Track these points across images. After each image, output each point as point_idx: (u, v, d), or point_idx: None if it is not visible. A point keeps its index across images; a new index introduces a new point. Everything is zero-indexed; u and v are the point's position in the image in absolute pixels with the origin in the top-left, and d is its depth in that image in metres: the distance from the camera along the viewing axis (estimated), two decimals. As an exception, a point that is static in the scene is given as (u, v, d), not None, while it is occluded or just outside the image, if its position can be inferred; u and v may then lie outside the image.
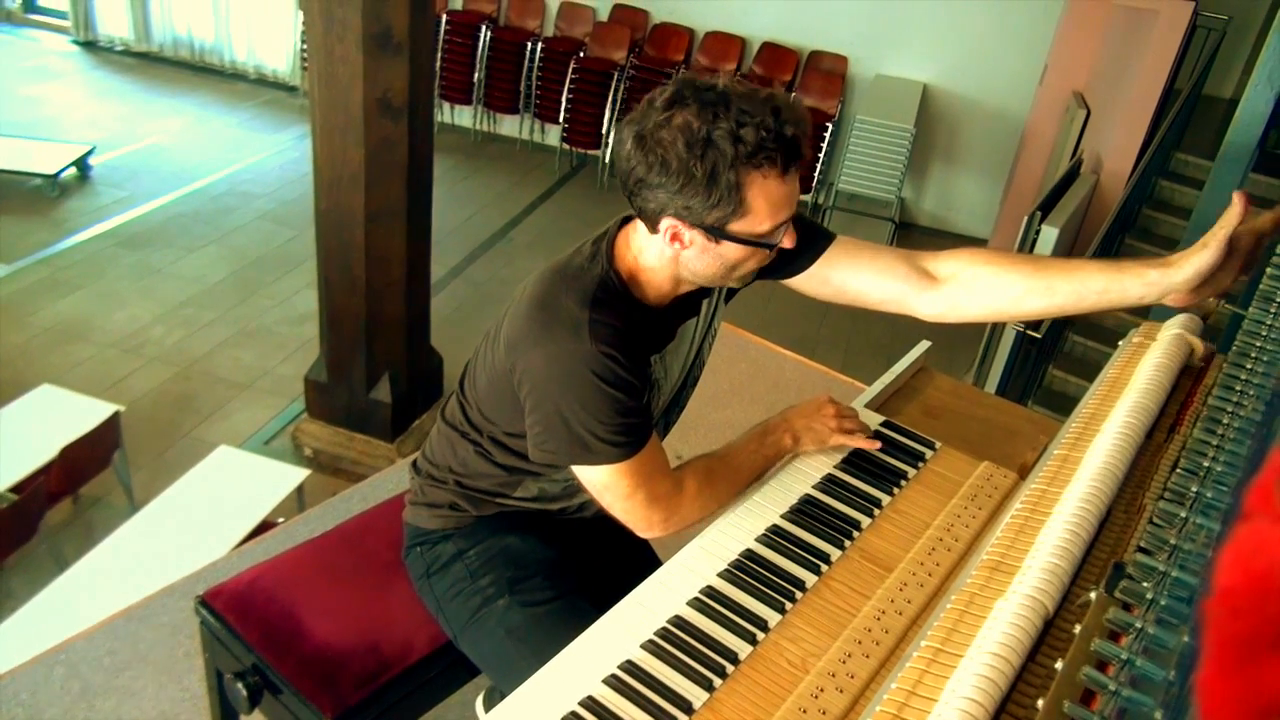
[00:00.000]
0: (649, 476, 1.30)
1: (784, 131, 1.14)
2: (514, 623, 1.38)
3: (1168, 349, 1.43)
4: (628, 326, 1.25)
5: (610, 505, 1.32)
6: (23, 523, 3.03)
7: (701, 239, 1.21)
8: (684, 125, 1.13)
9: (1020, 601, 0.95)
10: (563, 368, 1.22)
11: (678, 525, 1.34)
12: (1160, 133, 5.16)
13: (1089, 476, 1.13)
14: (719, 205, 1.16)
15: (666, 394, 1.42)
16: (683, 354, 1.41)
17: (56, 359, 4.53)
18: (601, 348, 1.21)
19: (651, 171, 1.15)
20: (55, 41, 8.56)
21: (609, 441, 1.25)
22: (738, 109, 1.13)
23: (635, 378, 1.25)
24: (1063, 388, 4.89)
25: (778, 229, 1.22)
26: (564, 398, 1.23)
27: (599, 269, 1.28)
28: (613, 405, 1.23)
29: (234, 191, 6.40)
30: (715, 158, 1.12)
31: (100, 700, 2.11)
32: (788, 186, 1.19)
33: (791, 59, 6.80)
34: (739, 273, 1.28)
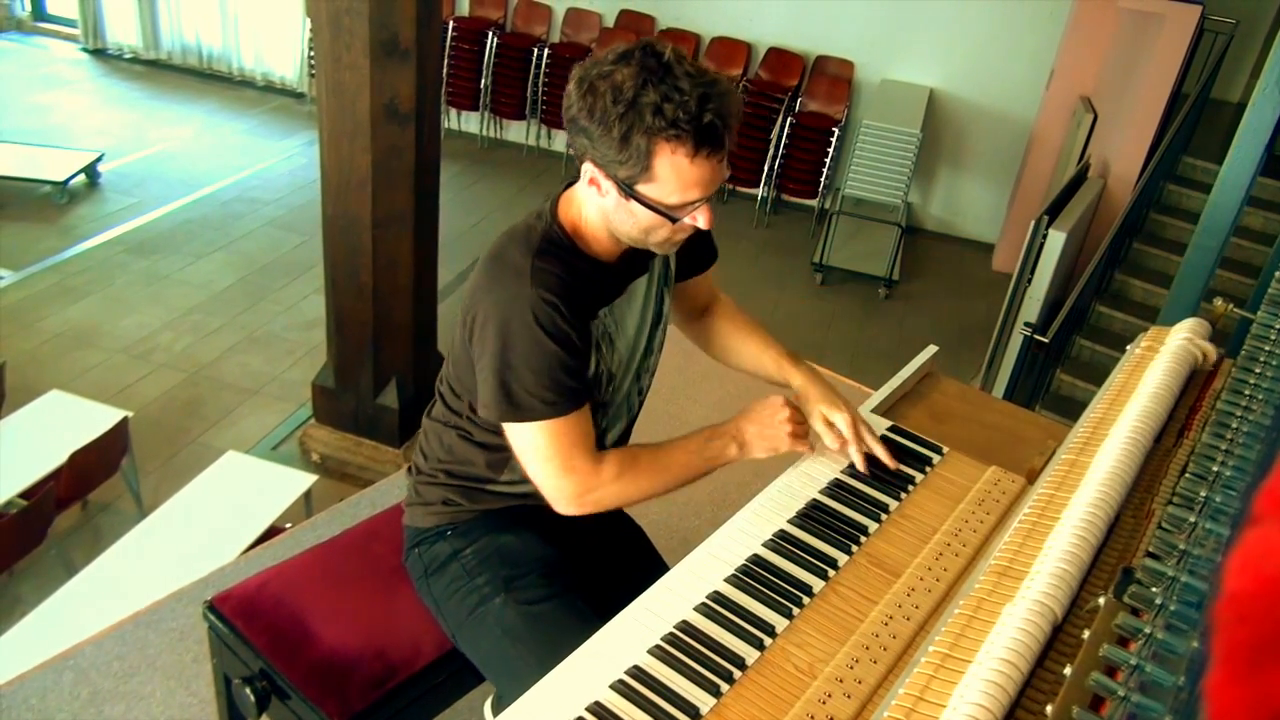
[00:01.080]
0: (570, 446, 1.32)
1: (702, 117, 1.17)
2: (510, 621, 1.39)
3: (1175, 354, 1.43)
4: (573, 277, 1.30)
5: (528, 469, 1.35)
6: (32, 528, 3.04)
7: (615, 192, 1.26)
8: (618, 82, 1.18)
9: (1029, 607, 0.95)
10: (506, 312, 1.27)
11: (593, 506, 1.36)
12: (1168, 137, 5.15)
13: (1097, 481, 1.13)
14: (628, 164, 1.21)
15: (625, 352, 1.43)
16: (636, 310, 1.44)
17: (65, 365, 4.55)
18: (543, 293, 1.26)
19: (581, 114, 1.22)
20: (64, 49, 8.61)
21: (538, 396, 1.28)
22: (671, 83, 1.17)
23: (576, 333, 1.29)
24: (1070, 392, 4.88)
25: (686, 206, 1.25)
26: (503, 344, 1.28)
27: (544, 224, 1.35)
28: (548, 358, 1.27)
29: (242, 198, 6.42)
30: (633, 120, 1.17)
31: (109, 705, 2.12)
32: (699, 169, 1.21)
33: (798, 64, 6.80)
34: (654, 239, 1.31)
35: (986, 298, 6.09)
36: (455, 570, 1.46)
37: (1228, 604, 0.38)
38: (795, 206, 7.09)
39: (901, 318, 5.91)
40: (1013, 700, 0.88)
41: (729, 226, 6.81)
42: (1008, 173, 6.71)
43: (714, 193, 1.28)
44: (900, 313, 5.97)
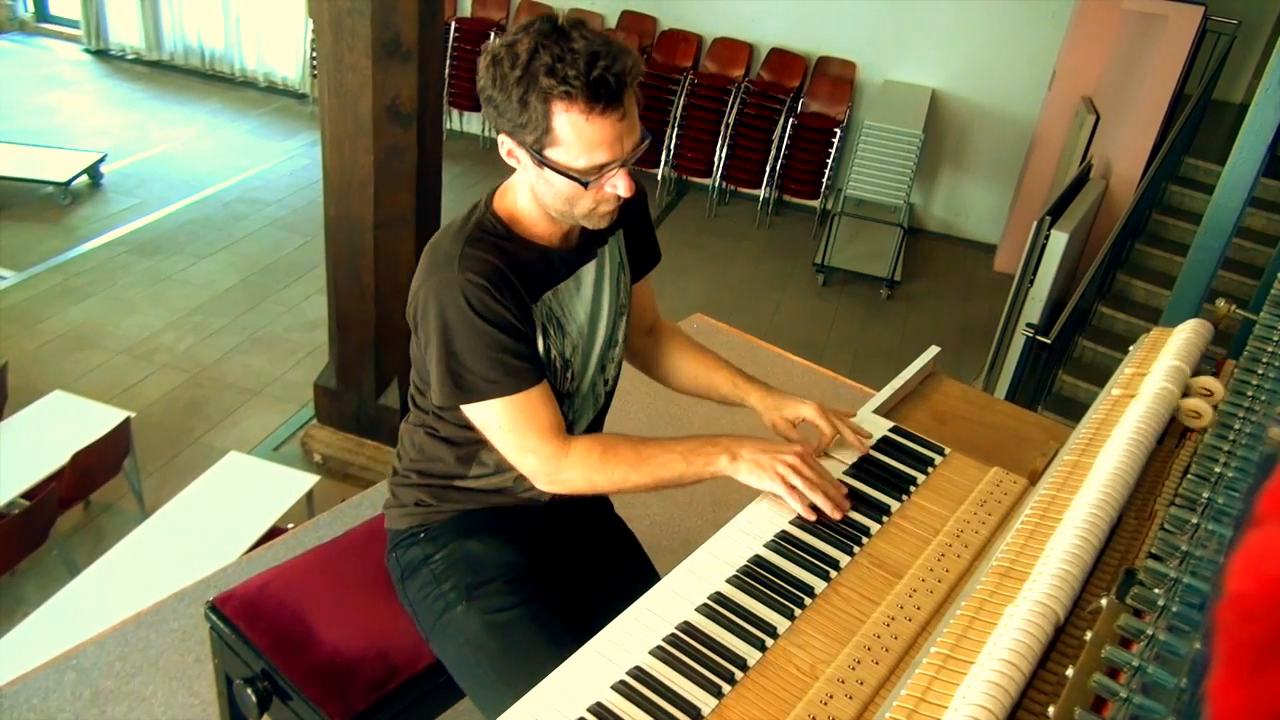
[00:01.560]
0: (525, 425, 1.34)
1: (591, 73, 1.19)
2: (472, 630, 1.39)
3: (1178, 355, 1.43)
4: (508, 262, 1.32)
5: (494, 443, 1.37)
6: (34, 529, 3.04)
7: (529, 161, 1.28)
8: (517, 49, 1.21)
9: (1031, 608, 0.95)
10: (440, 298, 1.30)
11: (562, 487, 1.37)
12: (1170, 137, 5.15)
13: (1099, 483, 1.13)
14: (530, 127, 1.23)
15: (578, 339, 1.44)
16: (587, 297, 1.44)
17: (68, 366, 4.55)
18: (470, 276, 1.28)
19: (487, 85, 1.24)
20: (67, 50, 8.62)
21: (481, 376, 1.31)
22: (564, 45, 1.19)
23: (513, 314, 1.31)
24: (1073, 393, 4.87)
25: (596, 169, 1.26)
26: (442, 327, 1.30)
27: (478, 213, 1.38)
28: (485, 339, 1.29)
29: (244, 199, 6.43)
30: (529, 82, 1.20)
31: (111, 706, 2.12)
32: (598, 127, 1.22)
33: (800, 64, 6.80)
34: (580, 210, 1.32)
35: (989, 299, 6.09)
36: (425, 575, 1.46)
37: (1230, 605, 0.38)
38: (797, 207, 7.09)
39: (903, 319, 5.91)
40: (1015, 701, 0.88)
41: (731, 227, 6.81)
42: (1010, 173, 6.71)
43: (628, 158, 1.29)
44: (902, 314, 5.97)
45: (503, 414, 1.33)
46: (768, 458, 1.34)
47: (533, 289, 1.36)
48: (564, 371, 1.43)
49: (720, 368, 1.62)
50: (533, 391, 1.33)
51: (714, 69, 6.93)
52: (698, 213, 6.96)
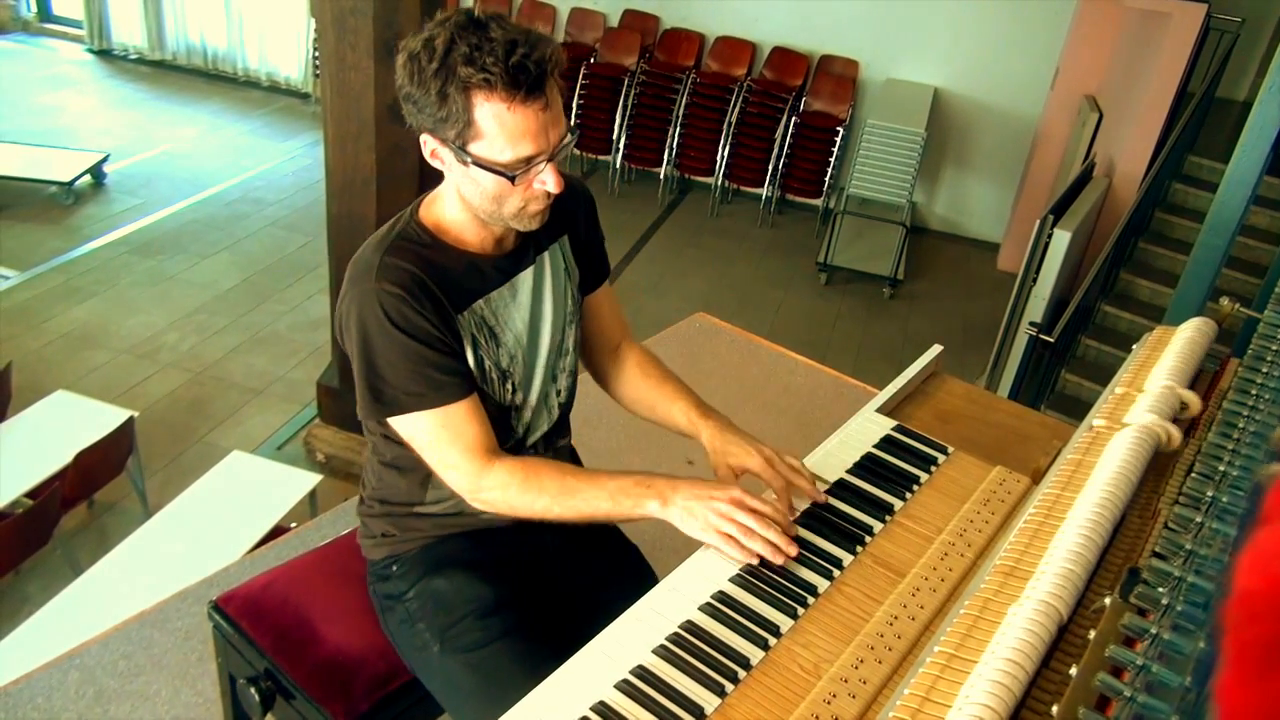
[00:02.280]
0: (450, 439, 1.30)
1: (509, 59, 1.15)
2: (449, 670, 1.37)
3: (1181, 353, 1.43)
4: (430, 271, 1.29)
5: (420, 456, 1.34)
6: (38, 528, 3.05)
7: (453, 159, 1.25)
8: (434, 42, 1.18)
9: (1034, 607, 0.95)
10: (359, 309, 1.27)
11: (485, 506, 1.34)
12: (1173, 136, 5.14)
13: (1103, 482, 1.13)
14: (451, 122, 1.19)
15: (516, 348, 1.39)
16: (524, 305, 1.40)
17: (71, 365, 4.56)
18: (387, 285, 1.25)
19: (405, 83, 1.21)
20: (70, 50, 8.63)
21: (401, 389, 1.28)
22: (481, 35, 1.16)
23: (435, 325, 1.27)
24: (1076, 392, 4.87)
25: (522, 163, 1.22)
26: (361, 339, 1.27)
27: (401, 222, 1.36)
28: (404, 351, 1.26)
29: (247, 198, 6.43)
30: (446, 74, 1.17)
31: (115, 705, 2.12)
32: (520, 117, 1.19)
33: (802, 63, 6.80)
34: (507, 209, 1.28)
35: (991, 297, 6.08)
36: (401, 613, 1.44)
37: (1238, 603, 0.38)
38: (799, 206, 7.09)
39: (906, 318, 5.90)
40: (1019, 700, 0.87)
41: (733, 226, 6.81)
42: (1013, 172, 6.70)
43: (555, 151, 1.25)
44: (905, 313, 5.96)
45: (425, 428, 1.30)
46: (700, 504, 1.25)
47: (459, 298, 1.32)
48: (503, 382, 1.39)
49: (679, 398, 1.52)
50: (457, 406, 1.29)
51: (716, 68, 6.93)
52: (700, 212, 6.96)
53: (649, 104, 6.87)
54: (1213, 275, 3.21)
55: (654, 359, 1.61)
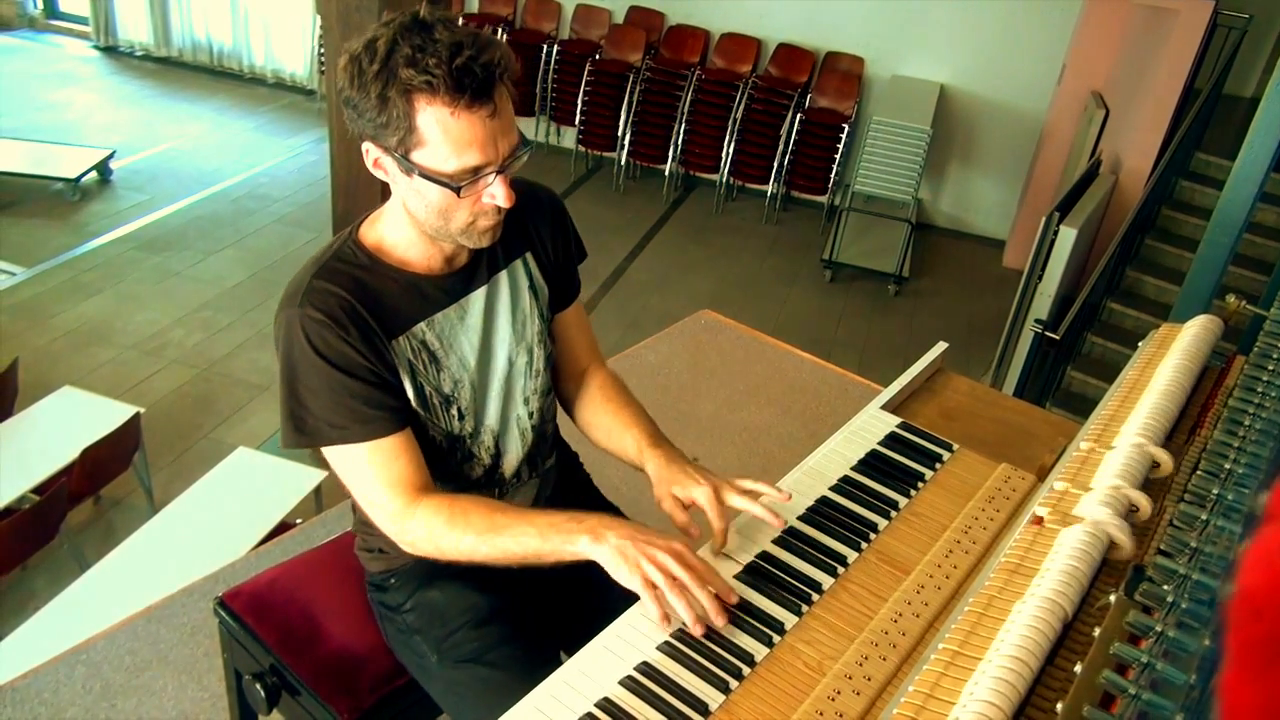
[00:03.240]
0: (373, 475, 1.24)
1: (454, 61, 1.09)
2: (448, 682, 1.36)
3: (1187, 351, 1.42)
4: (363, 295, 1.23)
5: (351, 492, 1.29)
6: (45, 523, 3.06)
7: (396, 169, 1.18)
8: (376, 44, 1.12)
9: (1039, 604, 0.95)
10: (285, 334, 1.22)
11: (409, 548, 1.27)
12: (1180, 132, 5.12)
13: (1109, 477, 1.12)
14: (393, 128, 1.13)
15: (461, 370, 1.33)
16: (475, 326, 1.34)
17: (78, 361, 4.57)
18: (311, 311, 1.20)
19: (346, 87, 1.15)
20: (77, 47, 8.65)
21: (323, 419, 1.22)
22: (425, 36, 1.11)
23: (363, 354, 1.22)
24: (1081, 389, 4.86)
25: (468, 174, 1.16)
26: (285, 365, 1.23)
27: (338, 242, 1.30)
28: (328, 380, 1.21)
29: (252, 195, 6.44)
30: (387, 76, 1.11)
31: (121, 700, 2.13)
32: (466, 124, 1.13)
33: (808, 60, 6.78)
34: (454, 224, 1.22)
35: (997, 294, 6.07)
36: (400, 623, 1.43)
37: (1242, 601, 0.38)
38: (804, 203, 7.08)
39: (911, 315, 5.89)
40: (1023, 698, 0.87)
41: (738, 223, 6.80)
42: (1019, 169, 6.68)
43: (505, 163, 1.18)
44: (910, 310, 5.95)
45: (347, 462, 1.25)
46: (635, 547, 1.15)
47: (395, 323, 1.26)
48: (446, 409, 1.33)
49: (632, 426, 1.43)
50: (383, 442, 1.24)
51: (722, 64, 6.92)
52: (705, 208, 6.96)
53: (654, 101, 6.86)
54: (1219, 272, 3.19)
55: (618, 384, 1.53)
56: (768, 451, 3.06)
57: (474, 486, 1.43)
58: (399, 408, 1.26)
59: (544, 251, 1.43)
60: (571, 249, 1.49)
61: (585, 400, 1.52)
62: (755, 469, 2.97)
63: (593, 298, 5.54)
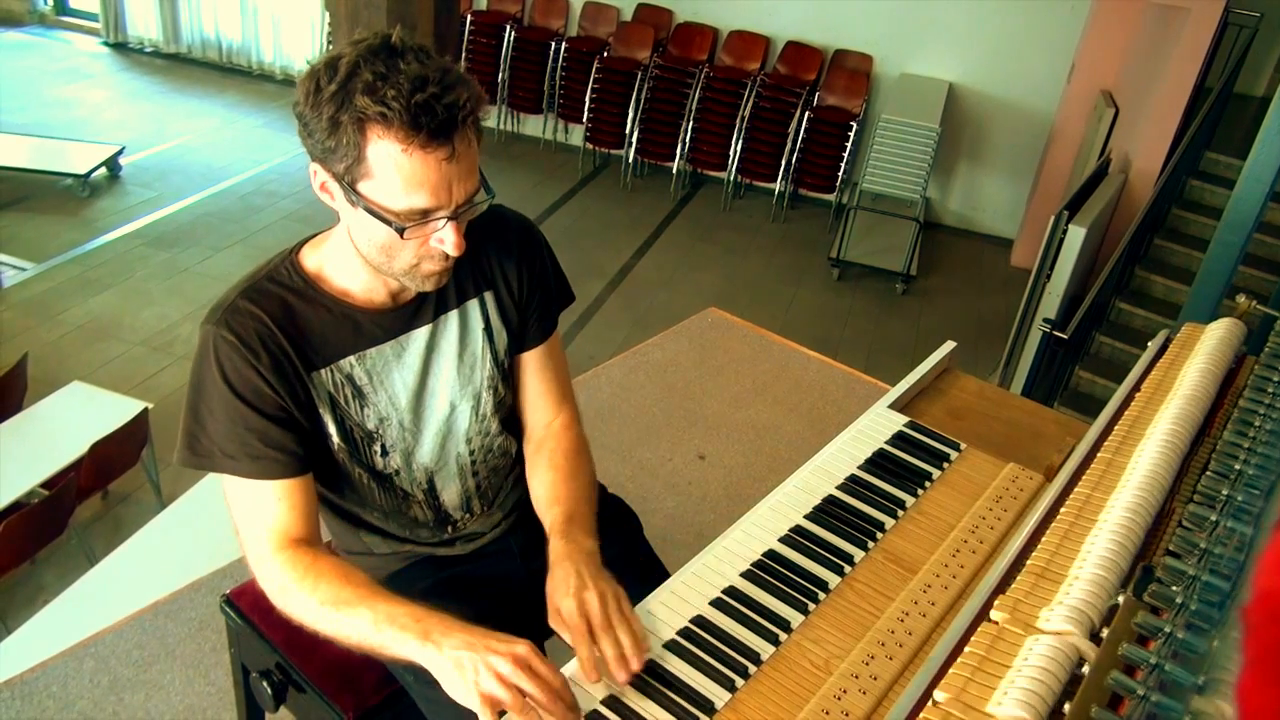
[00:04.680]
0: (251, 513, 1.19)
1: (414, 96, 1.02)
2: (427, 697, 1.32)
3: (1212, 355, 1.41)
4: (289, 322, 1.18)
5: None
6: (54, 518, 3.07)
7: (342, 196, 1.12)
8: (338, 64, 1.06)
9: (1065, 614, 0.94)
10: (198, 351, 1.18)
11: (271, 597, 1.20)
12: (1190, 131, 5.10)
13: (1135, 484, 1.11)
14: (341, 153, 1.07)
15: (387, 408, 1.27)
16: (411, 366, 1.27)
17: (87, 356, 4.59)
18: (225, 333, 1.15)
19: (301, 101, 1.09)
20: (86, 43, 8.67)
21: (217, 445, 1.17)
22: (390, 63, 1.04)
23: (272, 388, 1.16)
24: (1089, 389, 4.84)
25: (416, 215, 1.09)
26: (193, 380, 1.18)
27: (277, 260, 1.24)
28: (228, 407, 1.16)
29: (261, 191, 6.46)
30: (342, 99, 1.04)
31: (129, 694, 2.14)
32: (418, 164, 1.05)
33: (816, 58, 6.77)
34: (397, 264, 1.15)
35: (1005, 294, 6.05)
36: None
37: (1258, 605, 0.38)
38: (812, 201, 7.07)
39: (919, 314, 5.88)
40: (1050, 708, 0.86)
41: (745, 221, 6.79)
42: (1027, 168, 6.66)
43: (458, 210, 1.11)
44: (918, 308, 5.94)
45: (232, 491, 1.21)
46: (473, 656, 1.03)
47: (318, 354, 1.21)
48: (369, 444, 1.28)
49: (557, 504, 1.32)
50: (268, 484, 1.18)
51: (729, 62, 6.91)
52: (712, 206, 6.95)
53: (662, 98, 6.85)
54: (1229, 273, 3.18)
55: (571, 448, 1.40)
56: (774, 450, 3.06)
57: (420, 524, 1.39)
58: (297, 451, 1.20)
59: (507, 291, 1.35)
60: (547, 284, 1.40)
61: (533, 459, 1.41)
62: (761, 468, 2.97)
63: (600, 295, 5.54)
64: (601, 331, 5.10)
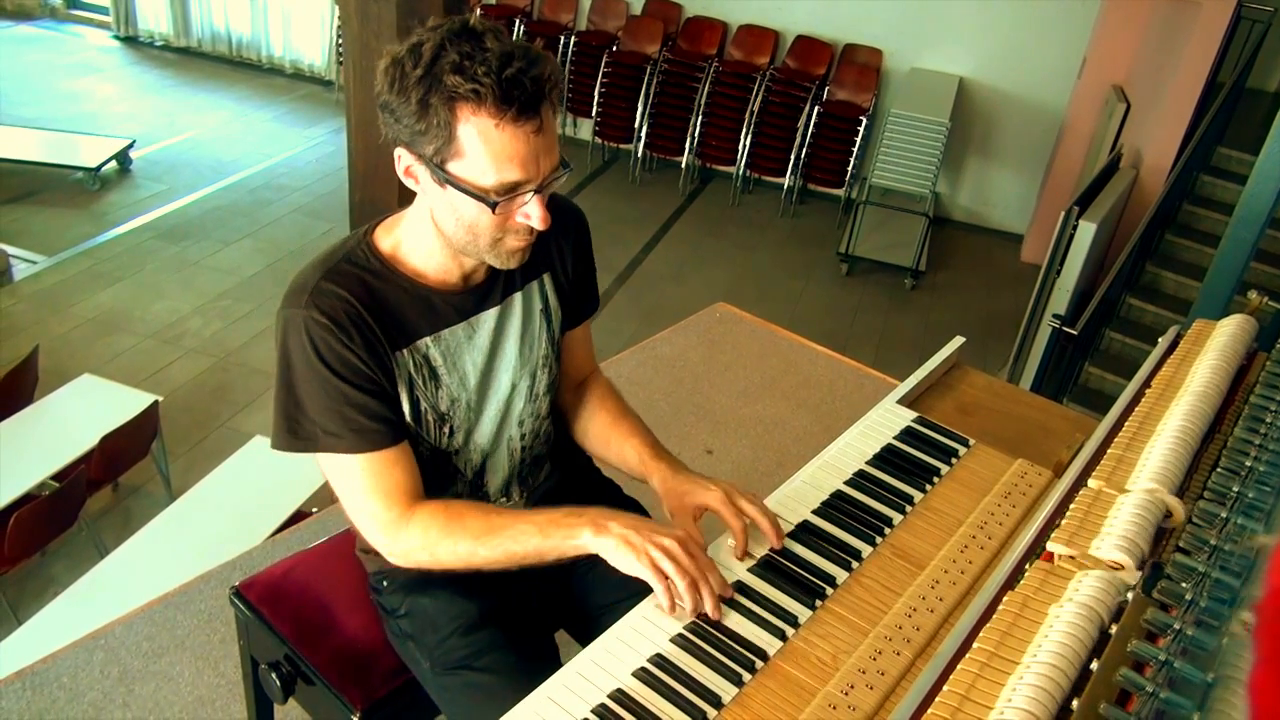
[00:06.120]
0: (367, 486, 1.22)
1: (503, 72, 1.05)
2: (439, 688, 1.35)
3: (1223, 351, 1.41)
4: (371, 301, 1.20)
5: (341, 501, 1.25)
6: (64, 510, 3.09)
7: (429, 179, 1.15)
8: (422, 48, 1.09)
9: (1076, 610, 0.93)
10: (285, 333, 1.18)
11: (403, 559, 1.25)
12: (1202, 127, 5.07)
13: (1146, 479, 1.11)
14: (431, 135, 1.09)
15: (460, 390, 1.30)
16: (482, 347, 1.30)
17: (97, 349, 4.61)
18: (315, 314, 1.16)
19: (384, 90, 1.11)
20: (97, 37, 8.70)
21: (319, 425, 1.19)
22: (474, 43, 1.07)
23: (365, 362, 1.19)
24: (1099, 385, 4.82)
25: (507, 190, 1.12)
26: (284, 365, 1.19)
27: (352, 242, 1.26)
28: (327, 387, 1.17)
29: (270, 185, 6.47)
30: (430, 82, 1.07)
31: (139, 685, 2.15)
32: (510, 138, 1.08)
33: (826, 52, 6.75)
34: (484, 241, 1.18)
35: (1014, 289, 6.03)
36: (395, 628, 1.42)
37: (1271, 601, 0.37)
38: (821, 196, 7.05)
39: (928, 309, 5.86)
40: (1059, 705, 0.86)
41: (754, 216, 6.78)
42: (1038, 163, 6.63)
43: (544, 182, 1.14)
44: (927, 304, 5.93)
45: (340, 470, 1.22)
46: (640, 537, 1.15)
47: (400, 334, 1.23)
48: (440, 425, 1.30)
49: (632, 437, 1.41)
50: (379, 454, 1.21)
51: (739, 56, 6.89)
52: (721, 201, 6.94)
53: (671, 92, 6.84)
54: (1240, 269, 3.15)
55: (614, 394, 1.50)
56: (782, 445, 3.05)
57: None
58: (396, 420, 1.24)
59: (563, 271, 1.40)
60: (592, 265, 1.46)
61: (583, 410, 1.49)
62: (769, 463, 2.97)
63: (608, 289, 5.53)
64: (610, 325, 5.10)
